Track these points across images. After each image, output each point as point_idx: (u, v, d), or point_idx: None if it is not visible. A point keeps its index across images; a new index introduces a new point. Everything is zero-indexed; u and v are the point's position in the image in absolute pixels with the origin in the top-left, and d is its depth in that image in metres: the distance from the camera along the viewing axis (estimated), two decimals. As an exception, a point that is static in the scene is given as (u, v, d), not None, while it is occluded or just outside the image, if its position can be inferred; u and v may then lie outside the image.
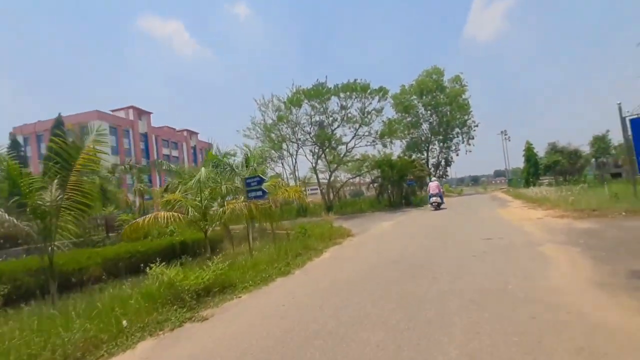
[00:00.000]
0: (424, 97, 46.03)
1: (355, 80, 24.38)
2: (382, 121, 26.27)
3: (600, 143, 25.34)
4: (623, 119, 11.25)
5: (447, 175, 55.89)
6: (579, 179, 29.90)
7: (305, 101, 24.71)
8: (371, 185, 32.69)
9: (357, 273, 6.55)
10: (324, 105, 24.99)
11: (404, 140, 49.30)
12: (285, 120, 24.20)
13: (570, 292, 4.29)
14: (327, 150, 25.89)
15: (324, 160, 26.95)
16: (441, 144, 49.60)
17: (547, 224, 10.40)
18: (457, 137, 48.35)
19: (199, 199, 9.49)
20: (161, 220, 8.70)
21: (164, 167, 17.43)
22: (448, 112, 45.98)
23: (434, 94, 45.78)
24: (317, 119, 26.21)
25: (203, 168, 8.98)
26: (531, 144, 34.21)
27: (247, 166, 13.87)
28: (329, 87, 24.42)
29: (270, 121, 24.97)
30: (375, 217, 21.03)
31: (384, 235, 11.85)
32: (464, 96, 45.27)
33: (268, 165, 28.18)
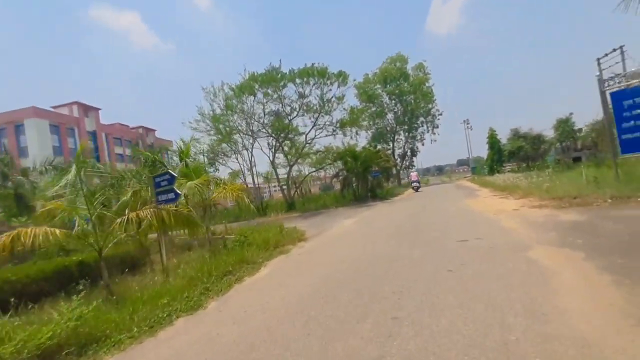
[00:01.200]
0: (388, 85, 44.88)
1: (312, 64, 22.26)
2: (344, 109, 24.38)
3: (564, 126, 25.16)
4: (602, 93, 10.04)
5: (414, 166, 55.61)
6: (542, 164, 29.90)
7: (259, 89, 22.25)
8: (335, 178, 30.92)
9: (290, 307, 4.51)
10: (279, 93, 22.67)
11: (369, 131, 48.10)
12: (234, 110, 21.59)
13: (608, 348, 2.48)
14: (284, 142, 23.64)
15: (283, 153, 24.67)
16: (406, 133, 48.93)
17: (527, 216, 8.95)
18: (422, 126, 47.89)
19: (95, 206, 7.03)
20: (25, 239, 6.16)
21: (89, 168, 14.45)
22: (412, 101, 45.19)
23: (398, 82, 44.73)
24: (273, 108, 23.91)
25: (74, 166, 6.46)
26: (494, 131, 34.00)
27: (183, 162, 11.47)
28: (284, 72, 22.10)
29: (220, 111, 22.24)
30: (338, 213, 19.21)
31: (341, 238, 9.93)
32: (427, 84, 44.64)
33: (221, 160, 25.54)
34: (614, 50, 35.59)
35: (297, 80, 22.35)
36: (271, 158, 24.75)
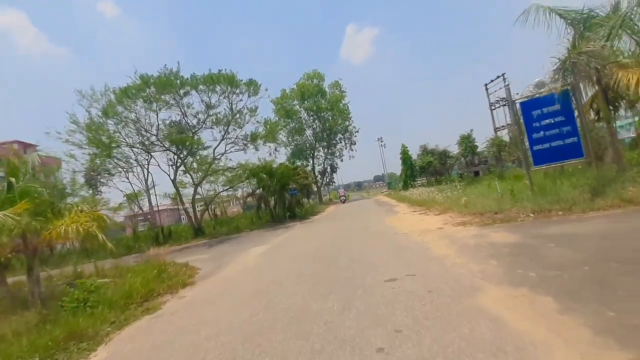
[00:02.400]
0: (306, 101, 44.37)
1: (219, 71, 19.67)
2: (257, 122, 22.18)
3: (467, 142, 27.17)
4: (512, 102, 9.81)
5: (334, 182, 55.87)
6: (448, 178, 31.85)
7: (154, 94, 18.66)
8: (250, 197, 28.29)
9: None
10: (180, 101, 19.44)
11: (288, 148, 46.76)
12: (117, 117, 17.58)
13: None
14: (186, 157, 20.27)
15: (185, 170, 21.15)
16: (326, 150, 48.87)
17: (455, 236, 7.83)
18: (340, 142, 48.37)
19: None
20: None
21: None
22: (330, 118, 45.39)
23: (316, 98, 44.58)
24: (175, 119, 20.45)
25: None
26: (406, 148, 35.53)
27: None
28: (185, 77, 19.01)
29: (98, 119, 17.86)
30: (250, 238, 16.64)
31: (239, 280, 7.51)
32: (344, 102, 45.41)
33: (105, 179, 20.80)
34: (498, 77, 39.92)
35: (201, 87, 19.47)
36: (172, 176, 20.99)
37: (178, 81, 18.89)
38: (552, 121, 9.60)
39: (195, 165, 21.20)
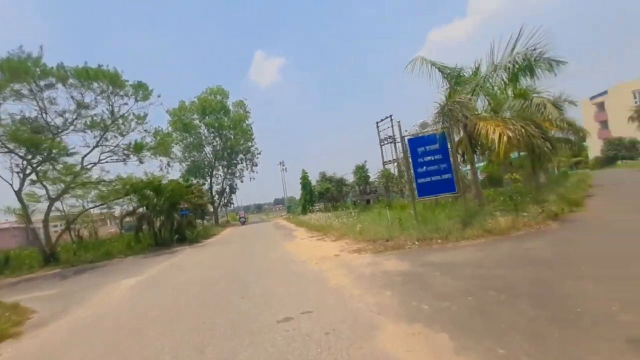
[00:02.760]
0: (207, 117, 41.88)
1: (99, 66, 16.69)
2: (146, 131, 19.43)
3: (361, 172, 29.34)
4: (402, 138, 10.69)
5: (232, 203, 53.27)
6: (343, 204, 33.59)
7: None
8: (128, 217, 24.38)
9: None
10: (39, 94, 15.62)
11: (184, 164, 42.93)
12: None
13: None
14: (40, 163, 16.20)
15: (38, 180, 16.81)
16: (226, 169, 46.51)
17: (351, 265, 7.75)
18: (242, 163, 46.80)
19: None
20: None
21: None
22: (232, 137, 43.69)
23: (218, 115, 42.53)
24: (30, 114, 16.25)
25: None
26: (307, 173, 36.39)
27: None
28: (49, 66, 15.48)
29: None
30: (122, 267, 13.89)
31: (88, 330, 5.77)
32: (247, 122, 44.45)
33: None
34: (387, 117, 44.41)
35: (72, 82, 16.11)
36: (17, 186, 16.38)
37: (38, 69, 15.22)
38: (433, 158, 10.81)
39: (54, 174, 17.05)
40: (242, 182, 48.33)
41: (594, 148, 54.45)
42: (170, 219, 22.30)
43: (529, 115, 13.31)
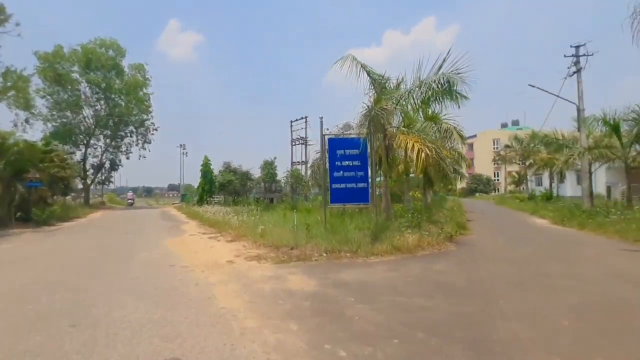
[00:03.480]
0: (92, 72, 34.43)
1: None
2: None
3: (269, 168, 27.59)
4: (323, 136, 9.75)
5: (112, 182, 45.24)
6: (246, 199, 31.45)
7: None
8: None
9: None
10: None
11: (50, 124, 34.49)
12: None
13: None
14: None
15: None
16: (108, 140, 39.07)
17: (248, 278, 6.26)
18: (131, 136, 39.97)
19: None
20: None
21: None
22: (123, 103, 36.90)
23: (108, 74, 35.42)
24: None
25: None
26: (209, 160, 32.95)
27: None
28: None
29: None
30: None
31: None
32: (145, 90, 38.20)
33: None
34: (302, 118, 44.11)
35: None
36: None
37: None
38: (351, 164, 10.17)
39: None
40: (128, 158, 41.32)
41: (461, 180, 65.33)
42: (10, 191, 16.86)
43: (437, 138, 14.02)
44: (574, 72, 20.63)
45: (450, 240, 10.16)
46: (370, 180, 10.05)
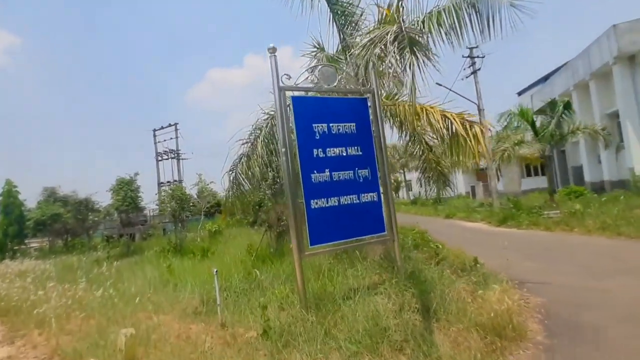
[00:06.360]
0: None
1: None
2: None
3: (127, 189, 17.52)
4: (280, 90, 4.24)
5: None
6: (87, 242, 21.06)
7: None
8: None
9: None
10: None
11: None
12: None
13: None
14: None
15: None
16: None
17: None
18: None
19: None
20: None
21: None
22: None
23: None
24: None
25: None
26: (15, 186, 20.97)
27: None
28: None
29: None
30: None
31: None
32: None
33: None
34: (170, 125, 35.42)
35: None
36: None
37: None
38: (345, 152, 4.88)
39: None
40: None
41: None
42: None
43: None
44: (471, 73, 20.95)
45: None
46: (379, 181, 4.83)
